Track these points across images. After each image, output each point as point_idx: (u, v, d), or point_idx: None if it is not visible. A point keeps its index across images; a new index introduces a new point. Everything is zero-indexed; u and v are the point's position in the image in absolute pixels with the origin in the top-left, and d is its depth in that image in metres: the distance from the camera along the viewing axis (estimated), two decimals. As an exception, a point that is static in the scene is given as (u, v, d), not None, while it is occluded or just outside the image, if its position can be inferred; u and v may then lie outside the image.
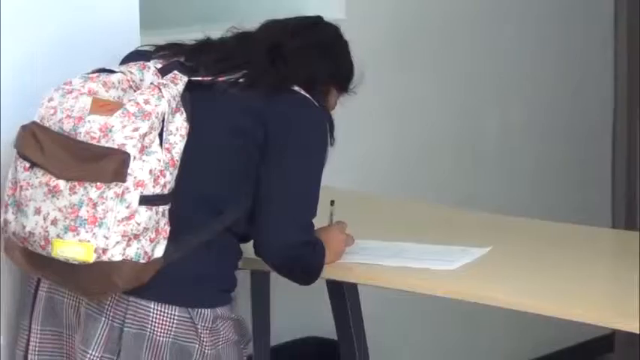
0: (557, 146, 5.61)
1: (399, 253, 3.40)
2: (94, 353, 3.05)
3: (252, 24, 3.37)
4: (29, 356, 3.20)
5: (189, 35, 3.31)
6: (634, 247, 3.65)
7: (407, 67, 4.94)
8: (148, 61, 3.19)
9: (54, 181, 2.95)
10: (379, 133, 4.87)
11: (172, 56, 3.20)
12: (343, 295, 3.73)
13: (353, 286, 3.64)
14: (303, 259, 3.25)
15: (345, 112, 3.44)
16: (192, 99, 3.08)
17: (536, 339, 5.26)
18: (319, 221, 3.30)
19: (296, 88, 3.21)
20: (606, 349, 5.56)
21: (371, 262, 3.36)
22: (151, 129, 2.95)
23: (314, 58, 3.32)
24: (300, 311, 4.17)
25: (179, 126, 3.02)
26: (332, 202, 3.45)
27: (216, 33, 3.31)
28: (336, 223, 3.42)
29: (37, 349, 3.18)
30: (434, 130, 5.11)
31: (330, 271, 3.31)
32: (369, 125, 4.71)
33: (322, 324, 3.98)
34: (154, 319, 3.04)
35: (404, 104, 4.99)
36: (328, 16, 3.54)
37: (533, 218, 4.07)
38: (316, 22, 3.45)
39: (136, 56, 3.26)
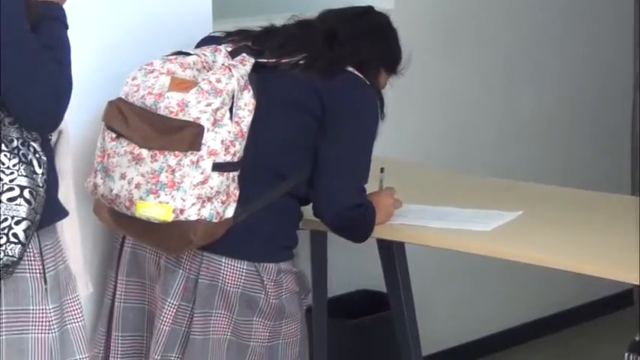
0: (584, 124, 5.55)
1: (441, 216, 3.40)
2: (172, 301, 3.10)
3: (311, 13, 3.38)
4: (116, 303, 3.24)
5: (256, 23, 3.31)
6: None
7: (451, 52, 4.91)
8: (220, 45, 3.21)
9: (137, 150, 3.00)
10: (428, 111, 4.84)
11: (241, 41, 3.22)
12: (392, 253, 3.73)
13: (400, 245, 3.64)
14: (357, 220, 3.26)
15: (397, 91, 3.48)
16: (258, 78, 3.10)
17: (563, 293, 5.22)
18: (371, 187, 3.30)
19: (350, 68, 3.23)
20: (626, 304, 5.51)
21: (417, 224, 3.36)
22: (223, 104, 3.00)
23: (365, 43, 3.31)
24: (353, 267, 4.14)
25: (247, 102, 3.05)
26: (382, 170, 3.45)
27: (279, 21, 3.32)
28: (385, 188, 3.42)
29: (122, 296, 3.23)
30: (477, 108, 5.09)
31: (380, 232, 3.33)
32: (419, 104, 4.69)
33: (373, 278, 3.97)
34: (225, 272, 3.08)
35: (450, 86, 4.96)
36: (379, 6, 3.54)
37: (560, 186, 4.06)
38: (367, 11, 3.44)
39: (209, 40, 3.30)
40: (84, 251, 3.07)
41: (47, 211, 2.75)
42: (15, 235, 2.65)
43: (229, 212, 3.03)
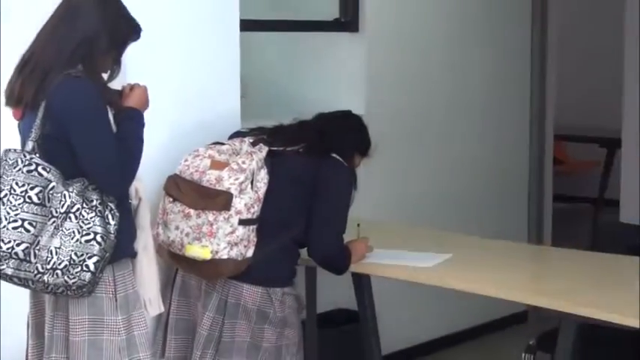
0: (487, 187, 5.36)
1: (396, 256, 3.41)
2: (209, 314, 3.12)
3: (307, 115, 3.42)
4: (170, 315, 3.23)
5: (269, 123, 3.35)
6: (539, 254, 3.84)
7: (404, 143, 4.81)
8: (245, 137, 3.24)
9: (187, 210, 3.03)
10: (389, 184, 4.77)
11: (259, 135, 3.25)
12: (362, 282, 3.71)
13: (367, 276, 3.62)
14: (337, 259, 3.27)
15: (364, 172, 3.48)
16: (271, 161, 3.14)
17: (479, 311, 5.11)
18: (350, 237, 3.34)
19: (334, 155, 3.24)
20: (524, 320, 5.43)
21: (379, 262, 3.37)
22: (246, 179, 3.03)
23: (345, 136, 3.34)
24: (334, 292, 4.08)
25: (262, 177, 3.08)
26: (358, 225, 3.43)
27: (286, 121, 3.34)
28: (361, 237, 3.40)
29: (175, 311, 3.24)
30: (423, 185, 4.96)
31: (354, 267, 3.34)
32: (377, 182, 4.53)
33: (348, 300, 3.92)
34: (245, 294, 3.11)
35: (406, 167, 4.88)
36: (355, 109, 3.58)
37: (477, 237, 4.05)
38: (347, 114, 3.49)
39: (237, 134, 3.32)
40: (156, 282, 3.05)
41: (118, 252, 2.77)
42: (87, 266, 2.68)
43: (249, 253, 3.05)
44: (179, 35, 3.37)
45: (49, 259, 2.68)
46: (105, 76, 2.83)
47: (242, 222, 3.01)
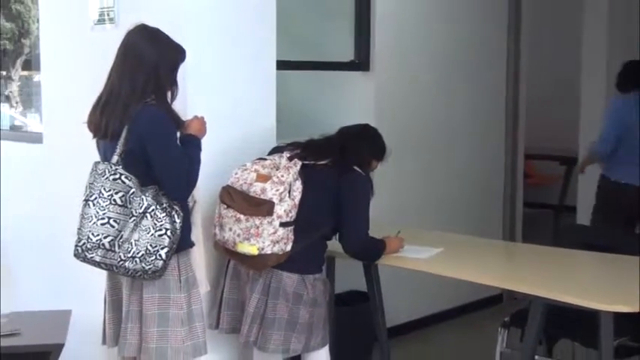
0: (471, 189, 5.26)
1: (403, 251, 3.36)
2: (255, 295, 3.10)
3: (332, 129, 3.34)
4: (224, 295, 3.21)
5: (301, 138, 3.30)
6: (512, 249, 3.83)
7: (409, 153, 4.67)
8: (282, 152, 3.20)
9: (238, 215, 3.01)
10: (391, 195, 4.56)
11: (294, 149, 3.20)
12: (370, 269, 3.70)
13: (375, 265, 3.59)
14: (371, 250, 3.25)
15: (379, 177, 3.46)
16: (304, 173, 3.10)
17: (463, 293, 5.09)
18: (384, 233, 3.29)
19: (355, 167, 3.18)
20: (500, 301, 5.41)
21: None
22: (285, 189, 3.01)
23: (363, 147, 3.27)
24: (348, 277, 3.97)
25: (298, 187, 3.05)
26: (399, 231, 3.40)
27: (315, 136, 3.30)
28: (398, 236, 3.36)
29: (228, 292, 3.22)
30: (418, 193, 4.88)
31: (384, 258, 3.28)
32: (384, 192, 4.15)
33: (359, 284, 3.86)
34: (285, 280, 3.09)
35: (407, 180, 4.77)
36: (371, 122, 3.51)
37: (463, 235, 4.00)
38: (366, 126, 3.40)
39: (277, 149, 3.28)
40: (207, 267, 3.08)
41: (181, 243, 2.80)
42: (159, 255, 2.71)
43: (288, 248, 3.04)
44: (229, 72, 3.35)
45: (129, 249, 2.72)
46: (168, 97, 2.83)
47: (282, 224, 2.99)
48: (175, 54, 2.81)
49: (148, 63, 2.73)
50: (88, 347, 3.34)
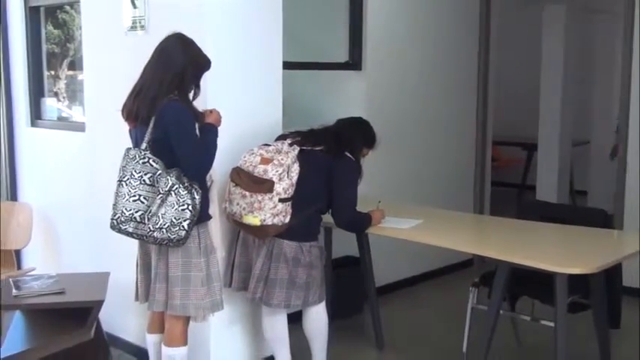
0: (443, 167, 5.13)
1: (386, 221, 3.31)
2: (260, 260, 3.09)
3: (330, 120, 3.30)
4: (235, 258, 3.19)
5: (302, 127, 3.25)
6: (481, 221, 3.76)
7: (394, 141, 4.51)
8: (286, 139, 3.14)
9: (244, 192, 2.98)
10: (380, 174, 4.49)
11: (296, 137, 3.16)
12: (362, 237, 3.68)
13: (366, 234, 3.57)
14: (359, 222, 3.20)
15: (366, 165, 3.39)
16: (302, 157, 3.07)
17: (440, 258, 5.08)
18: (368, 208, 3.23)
19: (346, 153, 3.14)
20: (471, 264, 5.34)
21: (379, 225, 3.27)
22: (284, 171, 2.97)
23: (355, 136, 3.21)
24: (343, 244, 3.94)
25: (295, 169, 3.01)
26: (379, 202, 3.36)
27: (315, 126, 3.24)
28: (380, 209, 3.31)
29: (238, 256, 3.20)
30: (399, 173, 4.82)
31: (371, 229, 3.24)
32: (373, 172, 4.05)
33: (353, 250, 3.81)
34: (285, 247, 3.06)
35: (393, 161, 4.71)
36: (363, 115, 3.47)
37: (439, 209, 3.97)
38: (358, 119, 3.35)
39: (281, 137, 3.22)
40: (222, 236, 3.04)
41: (201, 216, 2.77)
42: (182, 226, 2.67)
43: (287, 220, 3.00)
44: (242, 71, 3.31)
45: (157, 221, 2.69)
46: (190, 95, 2.81)
47: (281, 200, 2.96)
48: (202, 62, 2.79)
49: (177, 65, 2.70)
50: (123, 303, 3.35)
